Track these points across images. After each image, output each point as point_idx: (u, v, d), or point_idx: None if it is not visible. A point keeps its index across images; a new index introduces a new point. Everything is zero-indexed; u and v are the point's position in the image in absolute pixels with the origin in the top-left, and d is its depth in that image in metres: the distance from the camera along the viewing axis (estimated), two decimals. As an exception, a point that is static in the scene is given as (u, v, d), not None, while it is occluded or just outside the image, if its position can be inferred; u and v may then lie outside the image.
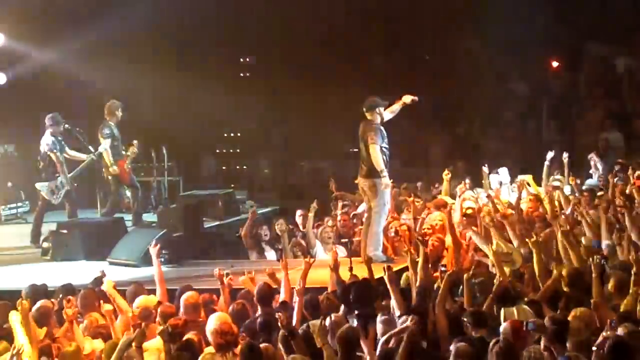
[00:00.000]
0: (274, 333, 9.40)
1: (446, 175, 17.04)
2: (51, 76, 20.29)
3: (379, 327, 9.50)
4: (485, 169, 17.09)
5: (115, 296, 10.70)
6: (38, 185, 16.75)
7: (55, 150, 16.52)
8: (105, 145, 16.70)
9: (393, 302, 10.12)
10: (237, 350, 8.93)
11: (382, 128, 14.00)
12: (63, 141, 16.74)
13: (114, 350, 8.81)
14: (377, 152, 13.82)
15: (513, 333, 8.63)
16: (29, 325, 9.36)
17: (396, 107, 14.36)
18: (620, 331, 8.45)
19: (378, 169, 13.84)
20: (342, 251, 14.08)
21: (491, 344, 8.39)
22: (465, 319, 9.29)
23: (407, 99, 14.32)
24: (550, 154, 16.99)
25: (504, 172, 17.20)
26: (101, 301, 10.71)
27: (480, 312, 9.63)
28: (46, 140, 16.58)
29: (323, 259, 13.66)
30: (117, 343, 8.97)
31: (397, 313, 9.84)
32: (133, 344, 8.81)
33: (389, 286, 10.27)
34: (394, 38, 21.97)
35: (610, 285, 10.11)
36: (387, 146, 14.01)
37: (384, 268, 10.73)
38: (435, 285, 10.61)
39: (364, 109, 14.08)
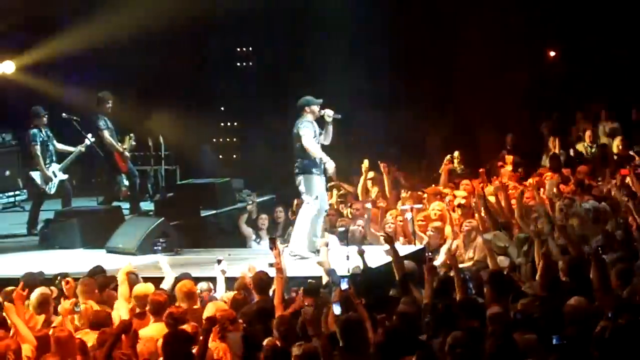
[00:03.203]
0: (270, 320, 9.38)
1: (446, 164, 17.10)
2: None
3: None
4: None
5: (122, 283, 10.69)
6: (32, 173, 16.78)
7: (34, 143, 16.54)
8: (105, 135, 16.70)
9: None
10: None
11: (314, 123, 13.83)
12: (49, 133, 16.70)
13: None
14: (311, 143, 13.62)
15: (497, 321, 8.54)
16: (23, 313, 9.38)
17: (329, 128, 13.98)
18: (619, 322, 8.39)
19: (318, 157, 13.65)
20: (334, 240, 14.06)
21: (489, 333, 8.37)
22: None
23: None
24: None
25: None
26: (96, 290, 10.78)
27: (471, 301, 9.55)
28: (27, 134, 16.65)
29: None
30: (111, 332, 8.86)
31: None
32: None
33: (426, 276, 10.11)
34: (393, 28, 21.89)
35: (612, 277, 10.03)
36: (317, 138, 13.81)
37: (425, 258, 10.72)
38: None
39: (298, 106, 13.89)
